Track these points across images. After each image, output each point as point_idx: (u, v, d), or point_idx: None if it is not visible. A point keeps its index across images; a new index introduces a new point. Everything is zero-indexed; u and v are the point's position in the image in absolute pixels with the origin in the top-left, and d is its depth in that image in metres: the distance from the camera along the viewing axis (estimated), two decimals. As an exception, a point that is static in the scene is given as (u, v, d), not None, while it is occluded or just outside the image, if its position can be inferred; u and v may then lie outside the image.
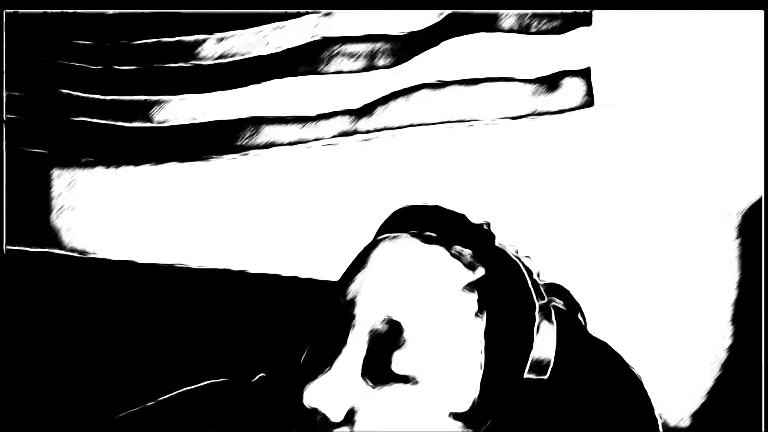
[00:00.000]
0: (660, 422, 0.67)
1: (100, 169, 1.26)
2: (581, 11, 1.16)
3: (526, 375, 0.62)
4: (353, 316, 0.63)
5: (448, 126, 1.19)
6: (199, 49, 1.20)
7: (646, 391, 0.67)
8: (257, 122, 1.21)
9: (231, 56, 1.20)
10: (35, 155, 1.25)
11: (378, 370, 0.62)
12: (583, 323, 0.72)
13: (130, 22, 1.20)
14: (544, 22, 1.16)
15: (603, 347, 0.69)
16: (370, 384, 0.62)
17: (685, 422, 1.12)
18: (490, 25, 1.17)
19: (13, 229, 1.21)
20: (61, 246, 1.25)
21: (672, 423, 1.12)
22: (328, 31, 1.19)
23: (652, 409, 0.67)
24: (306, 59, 1.20)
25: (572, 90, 1.18)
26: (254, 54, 1.19)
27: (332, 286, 0.68)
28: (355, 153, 1.21)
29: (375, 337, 0.62)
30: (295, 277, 1.11)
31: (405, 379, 0.61)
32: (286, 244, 1.21)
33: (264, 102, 1.20)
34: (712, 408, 1.12)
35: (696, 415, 1.12)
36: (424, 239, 0.66)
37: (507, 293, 0.64)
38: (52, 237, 1.26)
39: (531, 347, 0.63)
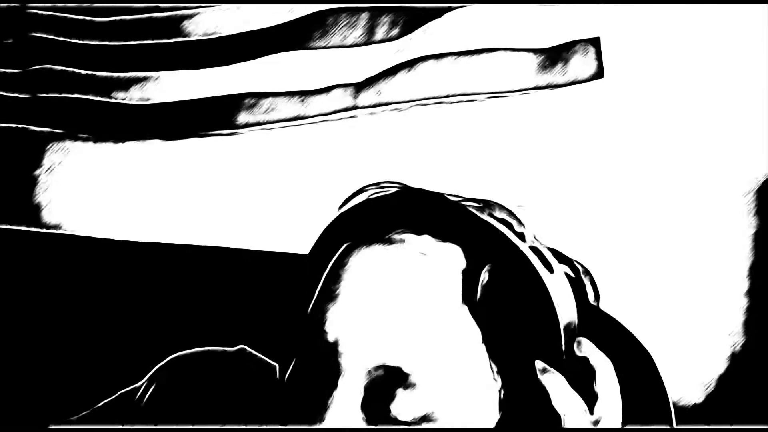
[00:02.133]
0: (671, 401, 0.65)
1: (92, 147, 1.25)
2: None
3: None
4: (339, 363, 0.56)
5: (452, 100, 1.17)
6: (193, 22, 1.19)
7: (657, 369, 0.65)
8: (254, 98, 1.19)
9: (226, 29, 1.18)
10: (19, 131, 1.24)
11: (377, 417, 0.55)
12: (594, 290, 0.68)
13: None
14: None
15: (613, 323, 0.67)
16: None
17: (699, 398, 1.11)
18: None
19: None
20: (43, 224, 1.24)
21: (685, 401, 1.11)
22: (327, 3, 1.17)
23: (663, 387, 0.65)
24: (305, 32, 1.18)
25: (582, 61, 1.15)
26: (251, 27, 1.18)
27: (304, 296, 0.61)
28: (356, 129, 1.19)
29: (368, 385, 0.55)
30: (293, 254, 1.10)
31: (412, 424, 0.55)
32: (281, 223, 1.20)
33: (261, 77, 1.19)
34: (725, 386, 1.11)
35: (711, 393, 1.11)
36: (403, 244, 0.58)
37: (513, 287, 0.58)
38: (35, 215, 1.25)
39: (559, 329, 0.57)
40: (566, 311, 0.58)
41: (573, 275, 0.64)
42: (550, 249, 0.64)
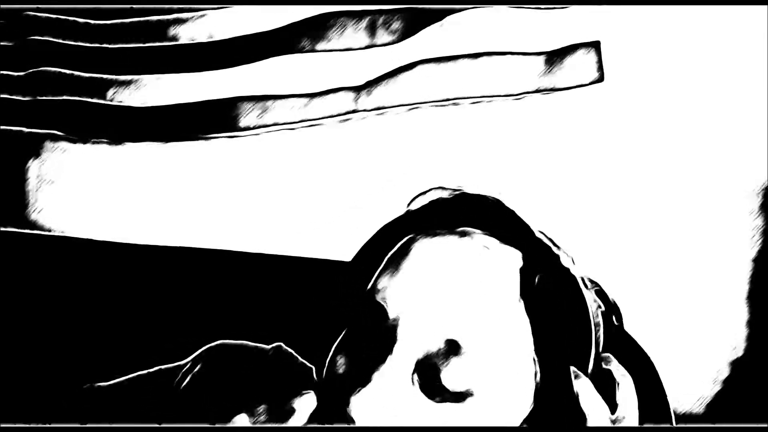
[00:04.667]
0: (672, 408, 0.66)
1: (95, 149, 1.25)
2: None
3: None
4: (397, 329, 0.59)
5: (454, 103, 1.18)
6: (194, 25, 1.19)
7: (659, 377, 0.66)
8: (256, 101, 1.19)
9: (229, 33, 1.18)
10: (12, 133, 1.24)
11: (427, 383, 0.59)
12: (617, 317, 0.71)
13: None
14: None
15: (619, 333, 0.69)
16: (422, 396, 0.59)
17: (700, 409, 1.12)
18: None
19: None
20: (37, 226, 1.24)
21: (686, 409, 1.12)
22: (328, 7, 1.17)
23: (664, 395, 0.66)
24: (306, 36, 1.18)
25: (582, 65, 1.15)
26: (253, 30, 1.18)
27: (359, 277, 0.64)
28: (358, 131, 1.20)
29: (423, 350, 0.59)
30: (297, 257, 1.10)
31: (457, 397, 0.58)
32: (286, 225, 1.20)
33: (263, 80, 1.19)
34: (727, 392, 1.11)
35: (711, 402, 1.11)
36: (464, 235, 0.62)
37: (560, 298, 0.62)
38: (28, 217, 1.25)
39: (591, 342, 0.61)
40: (597, 328, 0.63)
41: (602, 304, 0.67)
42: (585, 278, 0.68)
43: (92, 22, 1.20)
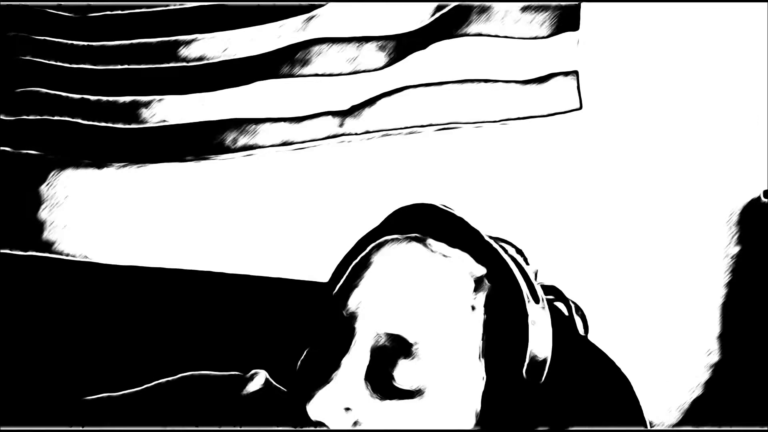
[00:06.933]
0: (648, 423, 0.68)
1: (87, 171, 1.25)
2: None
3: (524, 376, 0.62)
4: (354, 329, 0.62)
5: (436, 128, 1.19)
6: (185, 49, 1.20)
7: (634, 393, 0.68)
8: (244, 123, 1.20)
9: (216, 57, 1.20)
10: (23, 156, 1.24)
11: (380, 382, 0.61)
12: (584, 325, 0.73)
13: (116, 21, 1.20)
14: (531, 26, 1.17)
15: (593, 349, 0.70)
16: (375, 396, 0.61)
17: (674, 417, 1.13)
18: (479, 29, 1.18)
19: (2, 232, 1.20)
20: (48, 249, 1.24)
21: (661, 419, 1.12)
22: (315, 33, 1.19)
23: (640, 410, 0.68)
24: (293, 60, 1.20)
25: (561, 93, 1.17)
26: (240, 55, 1.19)
27: (329, 291, 0.68)
28: (343, 155, 1.21)
29: (377, 350, 0.62)
30: (285, 279, 1.10)
31: (409, 394, 0.61)
32: (273, 246, 1.21)
33: (251, 103, 1.20)
34: (703, 403, 1.13)
35: (686, 411, 1.12)
36: (425, 243, 0.66)
37: (505, 298, 0.64)
38: (40, 240, 1.25)
39: (526, 349, 0.63)
40: (538, 340, 0.63)
41: (567, 312, 0.69)
42: (549, 286, 0.70)
43: (84, 43, 1.21)
